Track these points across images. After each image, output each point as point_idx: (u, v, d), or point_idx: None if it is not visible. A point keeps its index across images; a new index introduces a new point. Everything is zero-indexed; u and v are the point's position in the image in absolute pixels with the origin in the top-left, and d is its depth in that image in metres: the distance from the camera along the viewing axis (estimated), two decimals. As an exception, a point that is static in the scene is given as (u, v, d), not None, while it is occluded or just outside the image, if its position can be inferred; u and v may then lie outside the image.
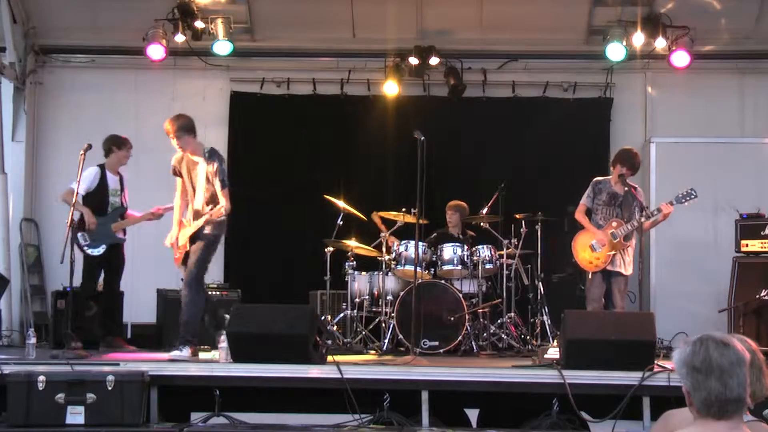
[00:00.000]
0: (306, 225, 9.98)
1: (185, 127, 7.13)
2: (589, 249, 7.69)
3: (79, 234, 7.81)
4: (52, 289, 9.20)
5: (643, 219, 7.49)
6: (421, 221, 7.65)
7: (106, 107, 10.25)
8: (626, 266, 7.66)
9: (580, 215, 7.86)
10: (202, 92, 10.63)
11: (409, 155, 7.91)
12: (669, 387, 5.61)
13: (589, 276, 7.76)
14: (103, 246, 7.97)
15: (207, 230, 7.04)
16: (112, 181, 8.20)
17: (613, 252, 7.59)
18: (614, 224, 7.64)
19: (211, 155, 7.11)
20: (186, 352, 6.84)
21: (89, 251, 7.91)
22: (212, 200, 7.02)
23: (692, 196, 7.56)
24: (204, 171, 7.05)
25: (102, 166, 8.14)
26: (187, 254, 7.08)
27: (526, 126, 10.27)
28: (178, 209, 7.26)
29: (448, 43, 10.26)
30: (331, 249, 8.66)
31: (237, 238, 10.30)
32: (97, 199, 8.03)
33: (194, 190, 7.10)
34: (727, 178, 9.50)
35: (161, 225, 7.98)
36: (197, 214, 7.05)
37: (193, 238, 7.07)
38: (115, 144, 8.21)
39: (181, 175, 7.24)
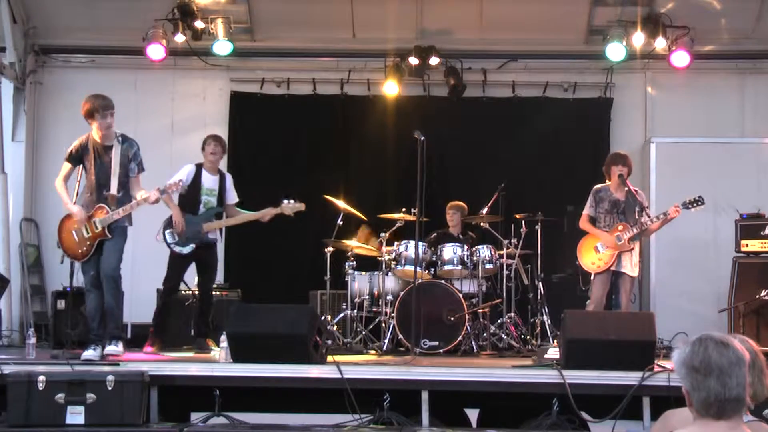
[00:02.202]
0: (306, 225, 9.96)
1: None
2: (593, 251, 7.67)
3: (166, 231, 7.66)
4: (52, 289, 9.20)
5: (644, 219, 7.49)
6: (422, 219, 7.66)
7: (106, 107, 10.23)
8: (633, 267, 7.65)
9: (584, 224, 7.83)
10: (202, 92, 10.64)
11: (409, 155, 7.91)
12: (669, 387, 5.61)
13: (592, 277, 7.74)
14: (192, 245, 7.71)
15: (124, 220, 6.90)
16: (209, 180, 7.90)
17: (616, 253, 7.58)
18: (620, 227, 7.63)
19: (126, 139, 6.96)
20: (120, 346, 6.74)
21: (176, 249, 7.70)
22: (123, 186, 6.86)
23: (700, 203, 7.58)
24: (119, 155, 6.83)
25: (199, 165, 7.90)
26: (98, 244, 6.81)
27: (526, 126, 10.27)
28: (65, 193, 6.92)
29: (448, 43, 10.26)
30: (331, 249, 8.66)
31: (237, 238, 10.30)
32: (189, 197, 7.79)
33: (107, 176, 6.81)
34: (727, 178, 9.48)
35: (161, 224, 7.94)
36: (112, 200, 6.77)
37: (109, 228, 6.80)
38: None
39: (78, 161, 6.93)
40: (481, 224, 8.90)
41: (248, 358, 6.23)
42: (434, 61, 10.11)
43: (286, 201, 7.95)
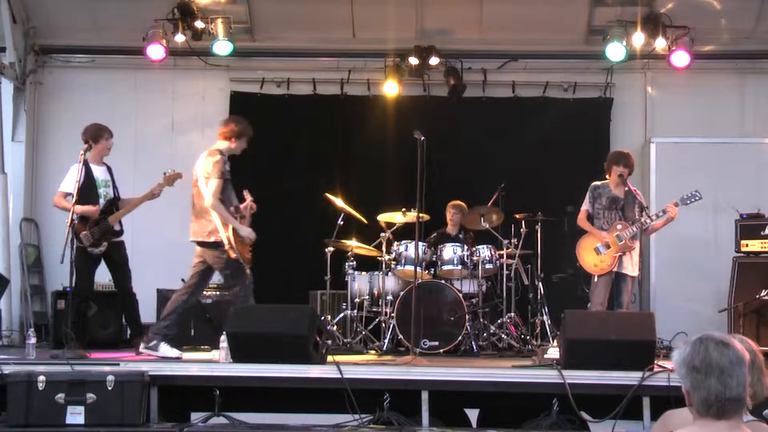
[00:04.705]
0: (306, 225, 9.98)
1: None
2: (593, 252, 7.63)
3: (81, 234, 7.43)
4: (52, 289, 9.20)
5: (643, 219, 7.47)
6: (422, 220, 7.65)
7: (106, 107, 10.23)
8: (633, 267, 7.64)
9: (582, 222, 7.80)
10: (202, 92, 10.64)
11: (409, 155, 7.92)
12: (669, 387, 5.60)
13: (595, 279, 7.67)
14: (105, 243, 7.59)
15: None
16: (100, 172, 7.77)
17: (619, 254, 7.56)
18: (619, 227, 7.60)
19: None
20: None
21: (95, 251, 7.53)
22: None
23: (697, 198, 7.57)
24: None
25: (85, 161, 7.51)
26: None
27: (526, 126, 10.27)
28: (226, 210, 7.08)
29: (448, 43, 10.26)
30: (331, 249, 8.66)
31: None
32: (88, 194, 7.58)
33: (234, 192, 7.22)
34: (727, 178, 9.48)
35: (161, 224, 7.95)
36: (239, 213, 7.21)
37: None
38: (93, 137, 7.72)
39: (228, 178, 7.21)
40: (482, 224, 8.89)
41: (248, 358, 6.23)
42: (434, 61, 10.11)
43: (167, 171, 7.75)
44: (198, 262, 7.13)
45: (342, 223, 8.68)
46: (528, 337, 8.57)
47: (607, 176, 7.85)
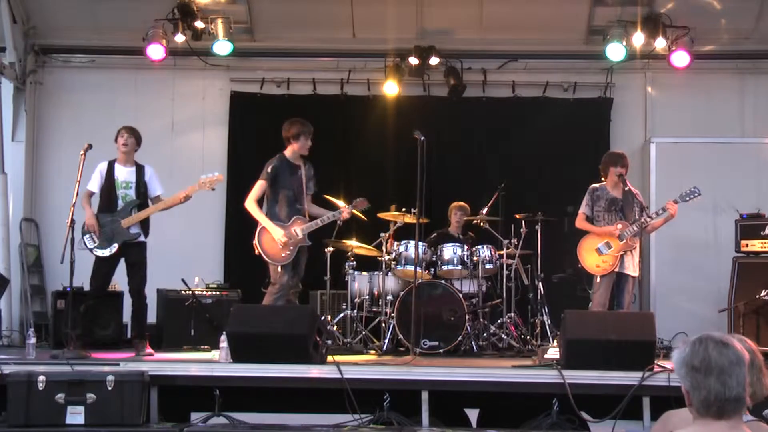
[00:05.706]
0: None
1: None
2: (595, 252, 7.57)
3: (85, 237, 7.31)
4: (52, 289, 9.19)
5: (644, 218, 7.45)
6: (421, 220, 7.65)
7: (106, 107, 10.26)
8: (634, 267, 7.62)
9: (581, 223, 7.74)
10: (202, 92, 10.64)
11: (409, 155, 7.92)
12: (669, 387, 5.61)
13: (597, 279, 7.61)
14: (114, 245, 7.37)
15: None
16: (123, 173, 7.55)
17: (621, 253, 7.53)
18: (619, 226, 7.57)
19: (307, 160, 7.74)
20: None
21: (98, 252, 7.35)
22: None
23: (696, 194, 7.54)
24: (304, 174, 7.63)
25: (112, 161, 7.60)
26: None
27: (526, 126, 10.27)
28: (261, 212, 7.47)
29: (448, 43, 10.26)
30: (331, 249, 8.66)
31: (237, 238, 10.30)
32: (105, 194, 7.52)
33: (300, 192, 7.58)
34: (727, 178, 9.49)
35: (161, 223, 7.94)
36: (305, 215, 7.60)
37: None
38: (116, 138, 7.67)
39: (274, 180, 7.47)
40: (481, 224, 8.90)
41: (248, 358, 6.24)
42: (434, 61, 10.11)
43: (203, 176, 7.62)
44: None
45: (342, 223, 8.67)
46: (528, 337, 8.57)
47: (603, 178, 7.83)
